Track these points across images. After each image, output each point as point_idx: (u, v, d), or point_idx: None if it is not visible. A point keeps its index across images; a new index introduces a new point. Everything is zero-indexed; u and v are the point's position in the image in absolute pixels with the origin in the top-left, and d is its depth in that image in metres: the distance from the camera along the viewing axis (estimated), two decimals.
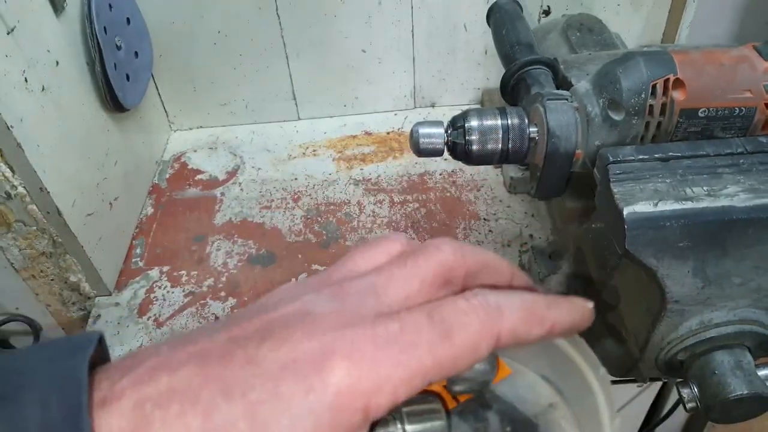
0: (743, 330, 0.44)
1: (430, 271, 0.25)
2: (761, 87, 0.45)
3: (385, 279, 0.25)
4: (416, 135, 0.51)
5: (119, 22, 0.77)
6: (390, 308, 0.24)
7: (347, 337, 0.22)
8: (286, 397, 0.20)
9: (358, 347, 0.21)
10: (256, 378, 0.20)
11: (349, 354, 0.21)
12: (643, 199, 0.42)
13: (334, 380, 0.20)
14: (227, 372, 0.21)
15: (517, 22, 0.64)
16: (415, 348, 0.22)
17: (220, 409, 0.20)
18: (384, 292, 0.24)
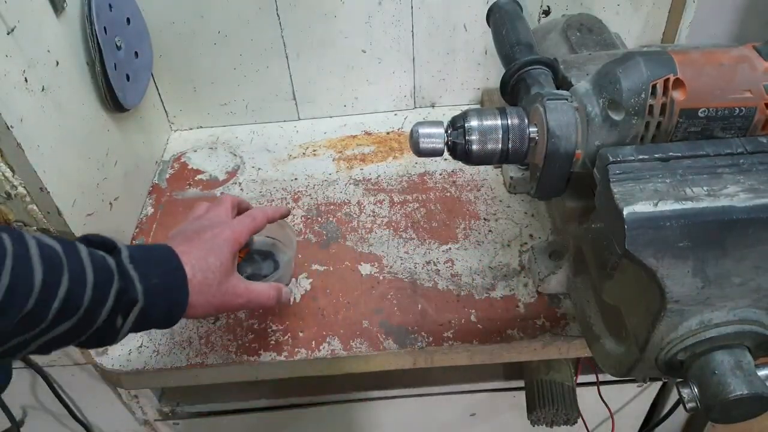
0: (743, 330, 0.44)
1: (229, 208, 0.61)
2: (761, 87, 0.45)
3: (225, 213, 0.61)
4: (416, 135, 0.51)
5: (119, 22, 0.77)
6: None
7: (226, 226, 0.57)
8: (217, 240, 0.54)
9: (233, 228, 0.57)
10: (208, 241, 0.54)
11: (230, 229, 0.56)
12: (643, 199, 0.42)
13: (228, 233, 0.55)
14: (200, 243, 0.54)
15: (517, 22, 0.64)
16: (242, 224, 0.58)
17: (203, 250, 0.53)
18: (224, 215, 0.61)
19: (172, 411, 0.92)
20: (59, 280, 0.42)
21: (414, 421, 0.97)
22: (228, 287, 0.53)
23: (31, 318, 0.41)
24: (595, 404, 0.88)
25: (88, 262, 0.45)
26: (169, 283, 0.49)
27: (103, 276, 0.45)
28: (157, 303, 0.48)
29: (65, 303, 0.42)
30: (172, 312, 0.50)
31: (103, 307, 0.45)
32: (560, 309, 0.68)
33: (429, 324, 0.68)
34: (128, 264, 0.47)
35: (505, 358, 0.68)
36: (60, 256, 0.43)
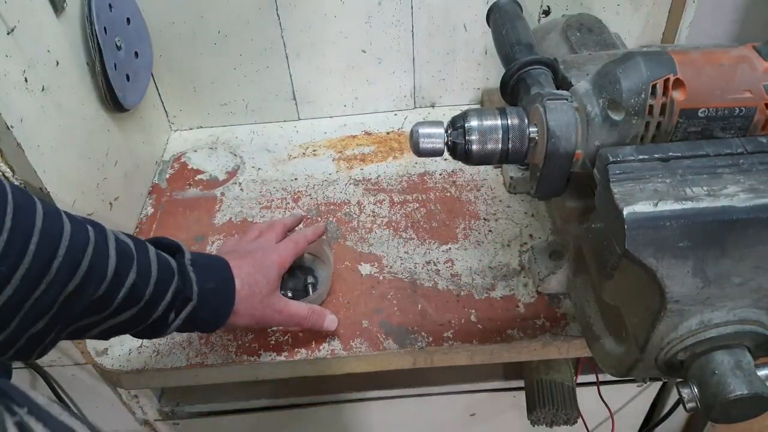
0: (743, 330, 0.44)
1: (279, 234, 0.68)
2: (761, 87, 0.45)
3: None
4: (416, 135, 0.51)
5: (119, 23, 0.77)
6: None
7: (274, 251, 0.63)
8: (265, 261, 0.61)
9: (279, 253, 0.63)
10: (258, 261, 0.61)
11: (277, 254, 0.63)
12: (643, 199, 0.42)
13: (275, 257, 0.62)
14: (251, 261, 0.60)
15: (517, 22, 0.64)
16: (287, 250, 0.64)
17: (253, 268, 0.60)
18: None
19: (172, 411, 0.92)
20: (128, 272, 0.48)
21: (414, 421, 0.97)
22: (270, 303, 0.59)
23: (101, 303, 0.46)
24: (595, 404, 0.88)
25: (154, 259, 0.50)
26: (220, 289, 0.55)
27: (165, 274, 0.51)
28: (207, 305, 0.54)
29: (131, 293, 0.48)
30: (219, 315, 0.55)
31: (162, 302, 0.50)
32: (560, 309, 0.68)
33: (429, 324, 0.68)
34: (189, 266, 0.53)
35: (504, 358, 0.68)
36: (132, 251, 0.49)
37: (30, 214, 0.42)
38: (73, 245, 0.44)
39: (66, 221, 0.44)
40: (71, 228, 0.44)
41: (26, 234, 0.41)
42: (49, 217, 0.43)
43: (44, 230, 0.42)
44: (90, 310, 0.46)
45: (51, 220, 0.43)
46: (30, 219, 0.42)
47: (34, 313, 0.42)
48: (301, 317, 0.62)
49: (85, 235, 0.45)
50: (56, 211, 0.45)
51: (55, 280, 0.42)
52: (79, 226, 0.46)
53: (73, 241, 0.44)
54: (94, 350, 0.69)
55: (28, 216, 0.41)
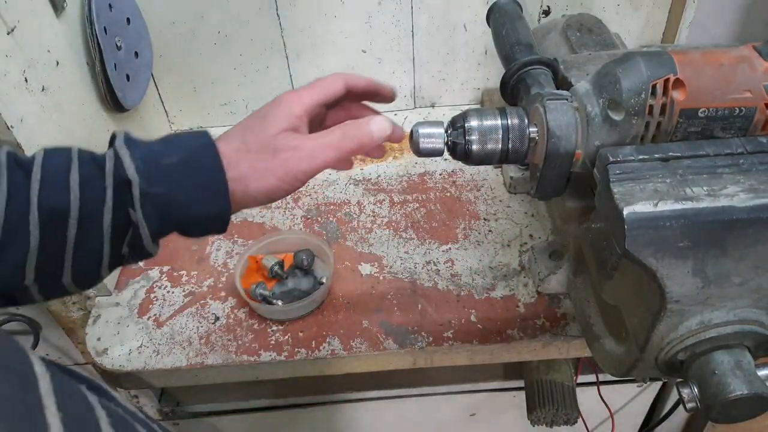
0: (743, 330, 0.44)
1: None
2: (761, 87, 0.45)
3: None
4: (416, 135, 0.51)
5: (119, 23, 0.77)
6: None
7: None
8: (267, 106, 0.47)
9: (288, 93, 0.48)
10: (257, 112, 0.47)
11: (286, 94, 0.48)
12: (643, 199, 0.42)
13: (283, 96, 0.47)
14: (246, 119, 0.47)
15: (517, 22, 0.64)
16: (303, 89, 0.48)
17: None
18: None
19: (172, 411, 0.92)
20: (27, 184, 0.39)
21: (414, 422, 0.97)
22: (279, 146, 0.44)
23: (13, 231, 0.39)
24: (595, 404, 0.88)
25: (74, 159, 0.41)
26: (190, 158, 0.42)
27: (90, 169, 0.41)
28: (175, 183, 0.42)
29: (45, 210, 0.39)
30: (209, 191, 0.42)
31: (103, 202, 0.41)
32: (560, 309, 0.68)
33: (429, 324, 0.68)
34: (122, 146, 0.42)
35: (505, 358, 0.68)
36: (29, 162, 0.40)
37: None
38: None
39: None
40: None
41: None
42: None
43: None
44: (10, 245, 0.39)
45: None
46: None
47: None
48: (334, 143, 0.45)
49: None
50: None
51: None
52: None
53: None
54: (94, 350, 0.69)
55: None
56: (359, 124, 0.46)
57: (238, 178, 0.43)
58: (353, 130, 0.46)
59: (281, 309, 0.68)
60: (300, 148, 0.44)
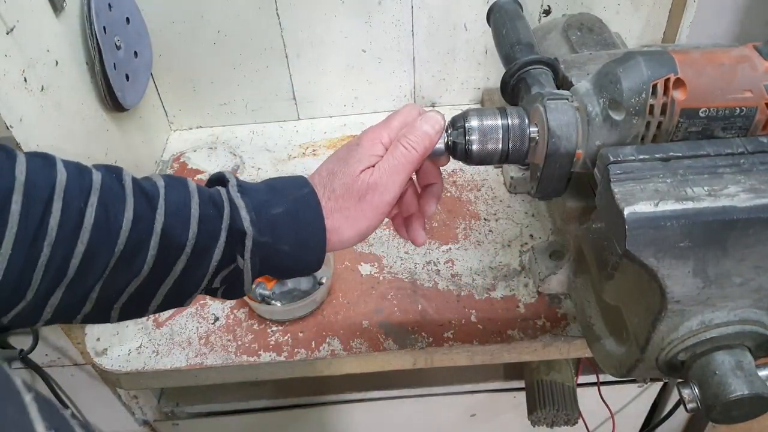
0: (744, 330, 0.44)
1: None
2: (762, 87, 0.45)
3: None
4: None
5: (119, 22, 0.77)
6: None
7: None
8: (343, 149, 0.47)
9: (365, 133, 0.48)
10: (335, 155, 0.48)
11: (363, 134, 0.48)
12: (644, 199, 0.42)
13: (361, 136, 0.47)
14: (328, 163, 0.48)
15: (518, 21, 0.64)
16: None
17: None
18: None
19: (171, 411, 0.92)
20: (153, 216, 0.40)
21: (414, 422, 0.97)
22: (362, 190, 0.45)
23: (129, 259, 0.39)
24: (595, 405, 0.88)
25: (194, 194, 0.42)
26: (295, 210, 0.44)
27: (211, 209, 0.42)
28: (282, 235, 0.43)
29: (164, 240, 0.40)
30: (309, 244, 0.44)
31: (216, 243, 0.42)
32: (561, 309, 0.68)
33: (429, 324, 0.68)
34: (235, 193, 0.43)
35: (505, 358, 0.68)
36: (157, 190, 0.41)
37: (5, 168, 0.36)
38: (71, 196, 0.37)
39: (60, 170, 0.38)
40: (67, 176, 0.38)
41: (3, 191, 0.35)
42: (34, 168, 0.37)
43: (29, 184, 0.36)
44: (121, 270, 0.39)
45: (37, 171, 0.37)
46: (6, 174, 0.36)
47: (47, 281, 0.37)
48: (401, 162, 0.45)
49: (87, 181, 0.39)
50: (45, 160, 0.38)
51: (58, 240, 0.36)
52: (79, 172, 0.39)
53: (69, 191, 0.37)
54: (94, 350, 0.69)
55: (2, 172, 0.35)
56: (414, 129, 0.46)
57: (333, 229, 0.45)
58: (412, 139, 0.46)
59: (281, 309, 0.68)
60: (378, 183, 0.45)
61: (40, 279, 0.37)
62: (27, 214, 0.35)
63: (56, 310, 0.39)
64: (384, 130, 0.47)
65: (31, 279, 0.36)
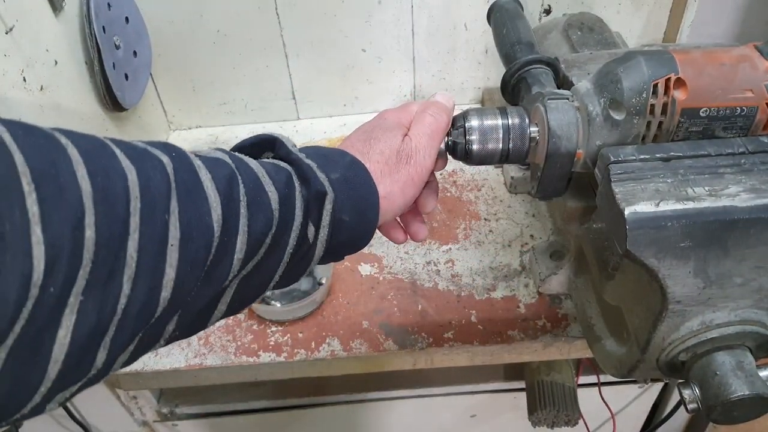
0: (744, 331, 0.43)
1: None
2: (762, 86, 0.45)
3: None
4: None
5: (118, 22, 0.77)
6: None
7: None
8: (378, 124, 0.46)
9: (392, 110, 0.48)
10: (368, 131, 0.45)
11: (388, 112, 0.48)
12: (645, 199, 0.41)
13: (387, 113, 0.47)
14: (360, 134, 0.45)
15: (518, 21, 0.64)
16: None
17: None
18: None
19: (170, 412, 0.92)
20: (237, 209, 0.33)
21: (414, 423, 0.97)
22: (409, 152, 0.43)
23: (209, 277, 0.31)
24: (596, 405, 0.88)
25: (261, 172, 0.35)
26: (351, 175, 0.40)
27: (282, 182, 0.36)
28: (344, 203, 0.39)
29: (250, 238, 0.33)
30: (366, 212, 0.40)
31: (293, 217, 0.36)
32: (561, 309, 0.68)
33: (429, 325, 0.67)
34: (299, 153, 0.39)
35: (505, 359, 0.68)
36: (232, 169, 0.33)
37: (60, 165, 0.26)
38: (149, 204, 0.28)
39: (125, 163, 0.28)
40: (137, 173, 0.28)
41: (69, 202, 0.25)
42: (93, 159, 0.27)
43: (98, 195, 0.26)
44: (203, 288, 0.32)
45: (97, 165, 0.27)
46: (71, 182, 0.25)
47: (125, 334, 0.28)
48: (433, 127, 0.46)
49: (161, 175, 0.29)
50: (99, 147, 0.28)
51: (141, 271, 0.27)
52: (144, 160, 0.29)
53: (147, 198, 0.28)
54: None
55: (53, 174, 0.25)
56: (431, 103, 0.47)
57: (385, 195, 0.42)
58: (434, 110, 0.46)
59: (280, 309, 0.68)
60: (419, 146, 0.44)
61: (114, 332, 0.27)
62: (104, 245, 0.26)
63: (126, 361, 0.30)
64: (401, 111, 0.47)
65: (101, 340, 0.27)
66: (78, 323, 0.25)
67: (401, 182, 0.43)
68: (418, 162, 0.44)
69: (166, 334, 0.32)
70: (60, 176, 0.25)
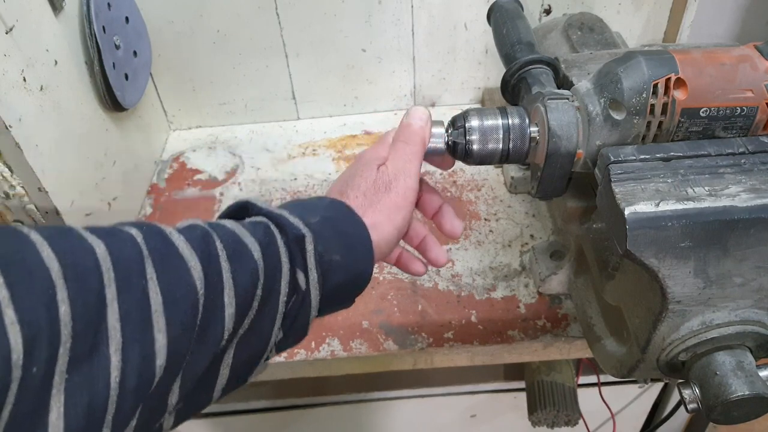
0: (745, 330, 0.43)
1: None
2: (762, 86, 0.45)
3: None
4: None
5: (118, 22, 0.77)
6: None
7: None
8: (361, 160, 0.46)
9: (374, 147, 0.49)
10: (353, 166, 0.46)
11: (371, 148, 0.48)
12: (645, 199, 0.41)
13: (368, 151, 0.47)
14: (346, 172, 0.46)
15: (518, 21, 0.64)
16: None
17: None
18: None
19: None
20: (219, 272, 0.33)
21: (414, 423, 0.97)
22: (386, 180, 0.44)
23: (201, 339, 0.31)
24: (596, 405, 0.88)
25: (237, 227, 0.36)
26: (331, 215, 0.40)
27: (260, 232, 0.36)
28: (330, 242, 0.39)
29: (238, 290, 0.33)
30: (357, 246, 0.40)
31: (280, 276, 0.36)
32: (561, 309, 0.68)
33: (429, 325, 0.67)
34: (271, 207, 0.39)
35: (505, 359, 0.68)
36: (211, 237, 0.34)
37: (24, 250, 0.26)
38: (124, 272, 0.28)
39: (92, 240, 0.29)
40: (106, 246, 0.29)
41: (39, 281, 0.25)
42: (64, 246, 0.27)
43: (68, 271, 0.26)
44: (198, 352, 0.32)
45: (71, 250, 0.27)
46: (37, 263, 0.26)
47: (123, 411, 0.27)
48: (408, 151, 0.46)
49: (131, 245, 0.30)
50: (62, 230, 0.28)
51: (127, 341, 0.27)
52: (113, 235, 0.30)
53: (120, 267, 0.28)
54: None
55: (16, 258, 0.25)
56: (405, 126, 0.47)
57: (372, 226, 0.42)
58: (404, 136, 0.47)
59: None
60: (398, 171, 0.44)
61: (115, 410, 0.27)
62: (81, 318, 0.26)
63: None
64: (378, 145, 0.48)
65: (102, 420, 0.26)
66: (69, 404, 0.25)
67: (386, 210, 0.43)
68: (399, 186, 0.44)
69: (170, 407, 0.31)
70: (26, 259, 0.25)
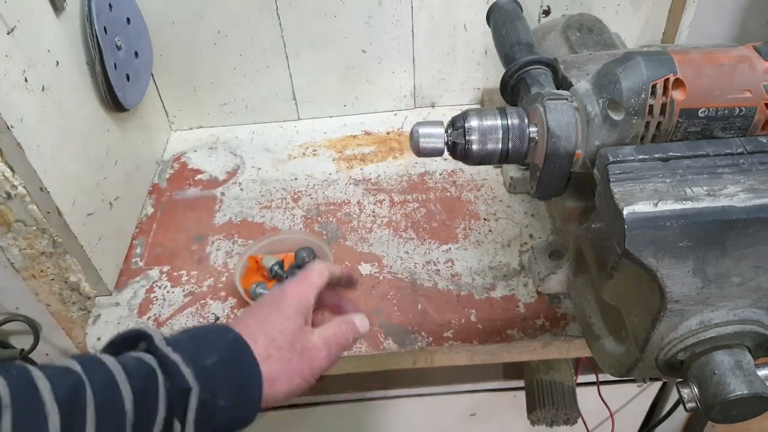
0: (743, 330, 0.44)
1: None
2: (761, 87, 0.45)
3: None
4: (416, 135, 0.51)
5: (119, 22, 0.77)
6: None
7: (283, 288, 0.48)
8: (275, 303, 0.46)
9: (291, 286, 0.48)
10: (265, 307, 0.46)
11: (289, 288, 0.48)
12: (643, 199, 0.42)
13: (288, 291, 0.46)
14: (256, 311, 0.46)
15: (517, 22, 0.64)
16: (302, 280, 0.49)
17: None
18: None
19: None
20: (83, 408, 0.34)
21: (414, 421, 0.97)
22: (305, 344, 0.44)
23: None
24: (595, 404, 0.88)
25: (118, 370, 0.36)
26: (229, 357, 0.40)
27: (143, 379, 0.36)
28: (219, 387, 0.39)
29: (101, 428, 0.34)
30: (246, 394, 0.40)
31: (156, 414, 0.36)
32: (560, 309, 0.68)
33: (429, 324, 0.68)
34: (166, 349, 0.39)
35: (505, 358, 0.68)
36: (78, 375, 0.35)
37: None
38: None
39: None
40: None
41: None
42: None
43: None
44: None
45: None
46: None
47: None
48: (346, 339, 0.48)
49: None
50: None
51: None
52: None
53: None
54: (94, 350, 0.69)
55: None
56: (347, 321, 0.48)
57: (269, 378, 0.41)
58: (346, 326, 0.48)
59: None
60: (318, 346, 0.45)
61: None
62: None
63: None
64: (306, 290, 0.47)
65: None
66: None
67: (289, 371, 0.43)
68: (314, 359, 0.44)
69: None
70: None
